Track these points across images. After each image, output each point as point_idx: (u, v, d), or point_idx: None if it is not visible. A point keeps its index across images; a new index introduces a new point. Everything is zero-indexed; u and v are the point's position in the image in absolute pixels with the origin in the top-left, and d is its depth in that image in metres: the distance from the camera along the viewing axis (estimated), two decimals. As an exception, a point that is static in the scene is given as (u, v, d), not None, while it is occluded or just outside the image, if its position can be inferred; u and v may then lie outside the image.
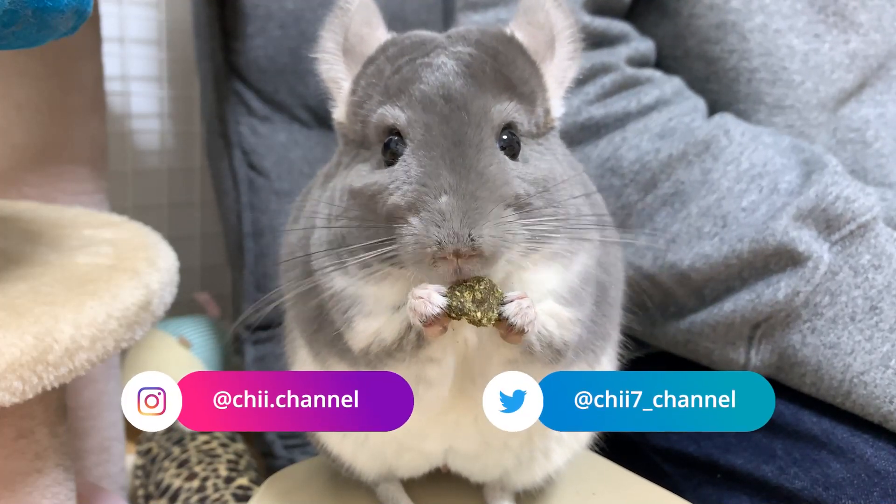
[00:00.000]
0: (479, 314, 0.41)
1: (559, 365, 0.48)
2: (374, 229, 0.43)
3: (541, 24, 0.49)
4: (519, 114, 0.45)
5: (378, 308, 0.46)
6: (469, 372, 0.48)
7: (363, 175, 0.46)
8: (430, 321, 0.41)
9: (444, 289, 0.42)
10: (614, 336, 0.58)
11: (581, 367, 0.51)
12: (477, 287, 0.42)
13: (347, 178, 0.47)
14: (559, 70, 0.50)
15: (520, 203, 0.42)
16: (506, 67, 0.46)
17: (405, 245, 0.41)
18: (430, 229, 0.40)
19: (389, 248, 0.42)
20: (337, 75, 0.50)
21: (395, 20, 0.51)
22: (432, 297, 0.41)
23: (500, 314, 0.42)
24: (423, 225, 0.40)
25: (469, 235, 0.40)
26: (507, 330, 0.42)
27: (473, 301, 0.41)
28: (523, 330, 0.42)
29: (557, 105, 0.50)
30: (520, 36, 0.49)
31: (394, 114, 0.44)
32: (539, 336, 0.45)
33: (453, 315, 0.42)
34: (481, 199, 0.40)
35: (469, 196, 0.40)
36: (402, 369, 0.46)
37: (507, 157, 0.44)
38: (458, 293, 0.42)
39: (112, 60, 1.34)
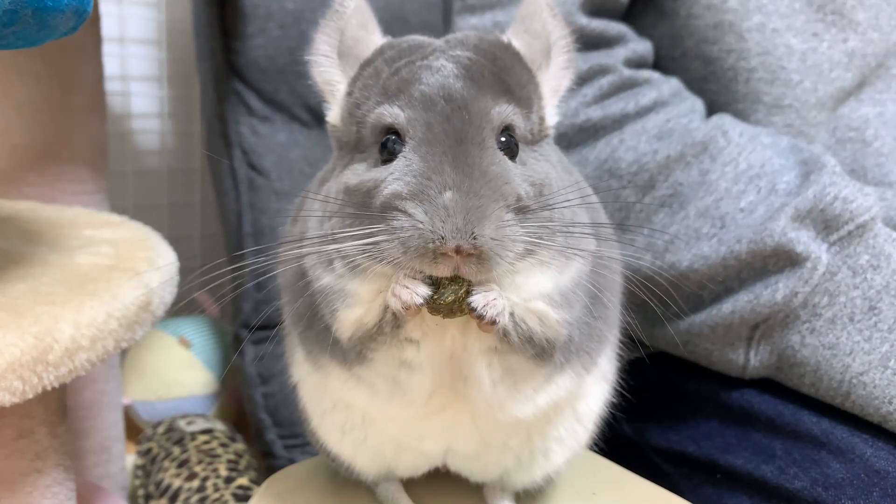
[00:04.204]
0: (442, 314, 0.43)
1: (548, 363, 0.48)
2: (367, 224, 0.43)
3: (537, 33, 0.49)
4: (517, 117, 0.45)
5: (360, 299, 0.46)
6: (460, 371, 0.48)
7: (359, 173, 0.46)
8: (410, 309, 0.42)
9: (426, 286, 0.42)
10: (611, 338, 0.58)
11: (576, 368, 0.51)
12: (460, 291, 0.42)
13: (342, 177, 0.47)
14: (554, 79, 0.50)
15: (520, 205, 0.43)
16: (504, 72, 0.46)
17: (406, 237, 0.41)
18: (434, 223, 0.40)
19: (384, 238, 0.41)
20: (332, 78, 0.50)
21: (395, 20, 0.51)
22: (418, 289, 0.42)
23: (468, 305, 0.43)
24: (427, 218, 0.40)
25: (472, 234, 0.40)
26: (478, 320, 0.43)
27: (446, 304, 0.43)
28: (494, 321, 0.43)
29: (552, 113, 0.50)
30: (516, 43, 0.49)
31: (392, 112, 0.44)
32: (517, 328, 0.45)
33: (429, 306, 0.43)
34: (484, 197, 0.41)
35: (473, 194, 0.40)
36: (384, 352, 0.47)
37: (507, 158, 0.44)
38: (440, 290, 0.43)
39: (112, 60, 1.34)
